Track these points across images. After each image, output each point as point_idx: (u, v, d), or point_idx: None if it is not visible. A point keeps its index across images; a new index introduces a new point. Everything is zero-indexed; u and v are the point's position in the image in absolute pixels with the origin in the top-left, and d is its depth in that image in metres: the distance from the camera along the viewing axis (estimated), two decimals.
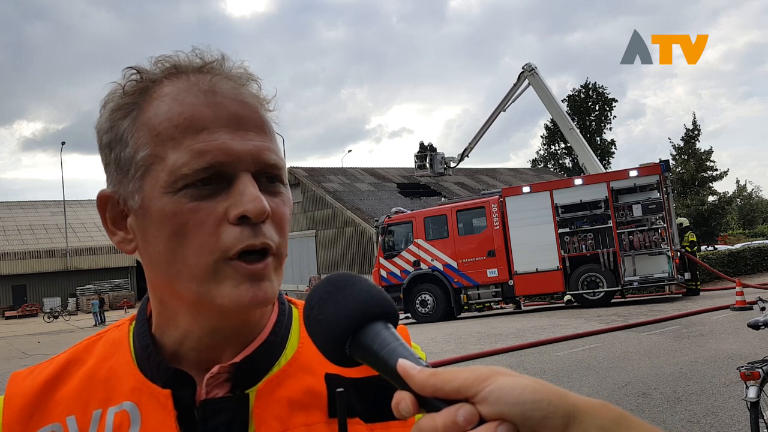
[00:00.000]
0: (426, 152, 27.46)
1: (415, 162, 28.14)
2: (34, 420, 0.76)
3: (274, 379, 0.76)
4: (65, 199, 53.17)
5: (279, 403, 0.75)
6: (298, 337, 0.81)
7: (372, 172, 41.12)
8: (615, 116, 65.40)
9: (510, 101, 24.51)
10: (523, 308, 19.02)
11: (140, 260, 0.77)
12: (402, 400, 0.53)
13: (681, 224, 18.01)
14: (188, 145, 0.68)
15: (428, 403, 0.52)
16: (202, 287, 0.70)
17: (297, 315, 0.85)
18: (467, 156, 26.38)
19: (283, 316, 0.82)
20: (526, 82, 23.81)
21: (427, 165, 27.37)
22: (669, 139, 72.37)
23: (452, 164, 27.24)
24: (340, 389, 0.76)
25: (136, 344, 0.79)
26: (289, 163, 38.00)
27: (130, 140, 0.72)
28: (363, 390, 0.78)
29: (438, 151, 27.39)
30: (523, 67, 23.86)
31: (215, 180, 0.69)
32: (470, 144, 25.98)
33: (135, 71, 0.74)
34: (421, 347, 0.89)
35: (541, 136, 58.38)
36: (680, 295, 17.23)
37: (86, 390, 0.77)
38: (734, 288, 13.56)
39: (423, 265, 17.60)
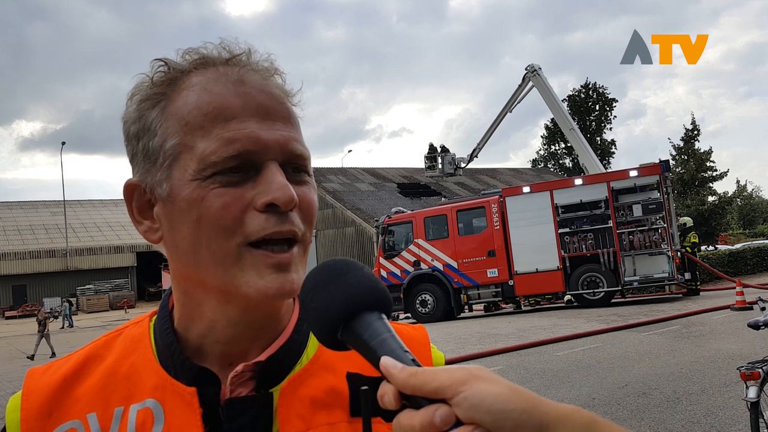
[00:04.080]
0: (435, 153, 27.62)
1: (425, 163, 28.28)
2: (54, 417, 0.75)
3: (296, 378, 0.76)
4: (65, 199, 53.17)
5: (302, 402, 0.75)
6: None
7: (372, 172, 41.11)
8: (615, 116, 65.48)
9: (516, 102, 24.54)
10: (523, 308, 19.02)
11: (165, 250, 0.76)
12: (385, 394, 0.55)
13: (685, 224, 17.99)
14: (217, 133, 0.69)
15: (411, 398, 0.54)
16: (227, 273, 0.70)
17: None
18: (476, 156, 26.51)
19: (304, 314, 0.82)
20: (531, 83, 23.82)
21: (439, 165, 27.51)
22: (669, 139, 72.47)
23: (462, 164, 27.36)
24: (365, 387, 0.76)
25: (158, 341, 0.78)
26: None
27: (159, 129, 0.72)
28: None
29: (449, 152, 27.55)
30: (526, 68, 23.86)
31: (243, 168, 0.69)
32: (478, 145, 26.08)
33: (163, 63, 0.74)
34: None
35: (541, 136, 58.43)
36: (680, 295, 17.23)
37: (107, 387, 0.76)
38: (734, 288, 13.56)
39: (423, 265, 17.59)
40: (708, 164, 44.81)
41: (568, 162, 55.73)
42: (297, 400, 0.75)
